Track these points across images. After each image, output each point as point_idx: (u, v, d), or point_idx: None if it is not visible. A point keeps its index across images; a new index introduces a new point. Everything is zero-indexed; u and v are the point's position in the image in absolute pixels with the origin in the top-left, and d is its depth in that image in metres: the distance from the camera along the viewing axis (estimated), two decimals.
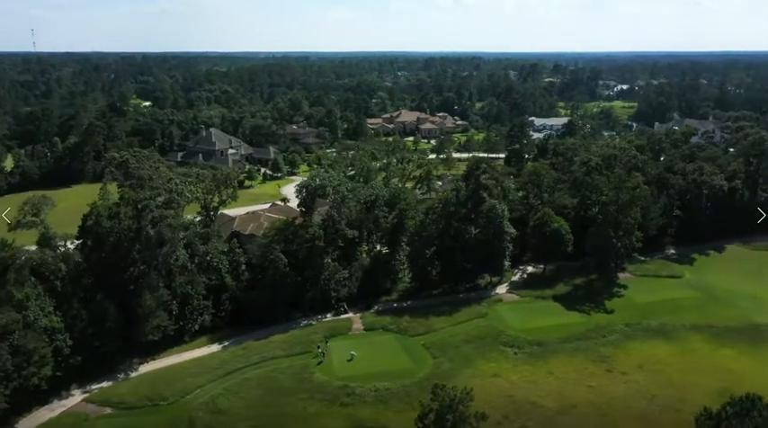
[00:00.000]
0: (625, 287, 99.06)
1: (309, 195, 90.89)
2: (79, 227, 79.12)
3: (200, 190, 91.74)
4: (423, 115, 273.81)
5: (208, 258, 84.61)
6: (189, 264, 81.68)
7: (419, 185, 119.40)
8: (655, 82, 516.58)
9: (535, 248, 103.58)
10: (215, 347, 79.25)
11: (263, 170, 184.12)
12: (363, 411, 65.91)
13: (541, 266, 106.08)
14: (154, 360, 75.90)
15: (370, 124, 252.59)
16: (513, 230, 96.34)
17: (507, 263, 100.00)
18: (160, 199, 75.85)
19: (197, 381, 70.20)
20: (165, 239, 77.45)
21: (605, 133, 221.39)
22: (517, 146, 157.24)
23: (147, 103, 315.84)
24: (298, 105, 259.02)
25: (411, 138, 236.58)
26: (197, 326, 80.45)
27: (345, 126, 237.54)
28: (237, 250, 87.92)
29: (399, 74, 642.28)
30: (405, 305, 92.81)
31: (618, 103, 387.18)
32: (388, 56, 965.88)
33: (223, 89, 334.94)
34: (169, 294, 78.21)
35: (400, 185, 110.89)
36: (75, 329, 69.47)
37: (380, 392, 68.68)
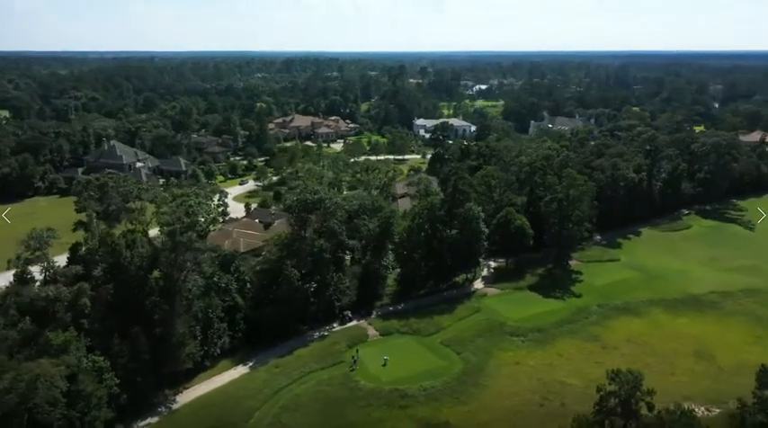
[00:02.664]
0: (579, 273, 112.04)
1: (305, 209, 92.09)
2: (79, 257, 74.58)
3: (208, 209, 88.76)
4: (316, 119, 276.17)
5: (215, 279, 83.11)
6: (207, 288, 79.91)
7: (383, 192, 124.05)
8: (505, 81, 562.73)
9: (499, 244, 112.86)
10: (242, 368, 78.61)
11: (175, 183, 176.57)
12: (421, 410, 70.25)
13: (500, 260, 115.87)
14: (186, 389, 73.87)
15: None
16: (486, 229, 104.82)
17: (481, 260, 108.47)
18: (184, 221, 73.32)
19: (252, 404, 69.98)
20: (188, 264, 75.38)
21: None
22: (440, 149, 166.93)
23: (5, 113, 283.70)
24: (188, 112, 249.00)
25: (311, 143, 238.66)
26: (218, 350, 79.19)
27: (246, 133, 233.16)
28: (241, 269, 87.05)
29: (258, 75, 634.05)
30: (400, 308, 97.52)
31: (481, 102, 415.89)
32: (234, 56, 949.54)
33: (90, 96, 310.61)
34: (192, 319, 76.34)
35: (374, 193, 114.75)
36: (118, 366, 66.10)
37: (429, 391, 73.37)
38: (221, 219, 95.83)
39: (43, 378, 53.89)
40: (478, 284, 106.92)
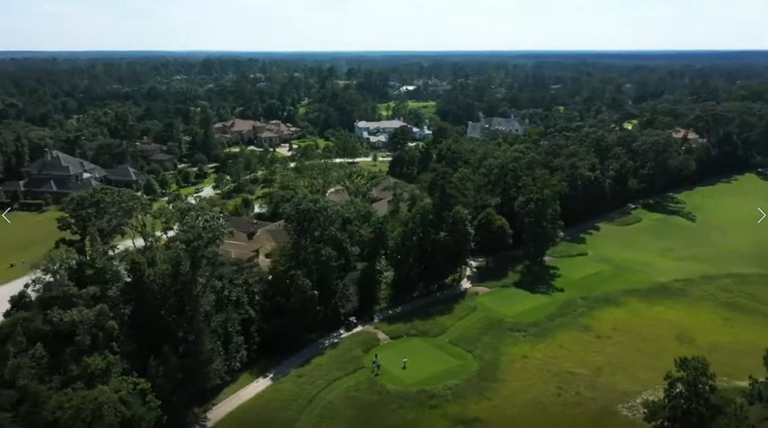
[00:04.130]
0: (555, 268, 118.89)
1: (306, 218, 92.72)
2: (87, 276, 72.31)
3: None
4: (258, 123, 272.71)
5: (226, 293, 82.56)
6: (218, 301, 79.27)
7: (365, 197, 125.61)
8: (430, 82, 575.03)
9: (480, 244, 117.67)
10: (264, 381, 78.74)
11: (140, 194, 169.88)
12: (451, 409, 73.36)
13: (480, 259, 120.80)
14: (215, 405, 73.37)
15: None
16: (472, 231, 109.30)
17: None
18: (206, 237, 72.18)
19: (289, 415, 70.66)
20: (207, 279, 74.66)
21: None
22: (399, 152, 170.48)
23: None
24: (124, 119, 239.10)
25: (255, 148, 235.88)
26: (238, 364, 78.91)
27: (189, 139, 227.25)
28: (250, 281, 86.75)
29: (178, 77, 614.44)
30: (398, 311, 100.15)
31: (412, 103, 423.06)
32: (140, 56, 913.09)
33: (8, 102, 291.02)
34: (213, 334, 75.74)
35: (357, 199, 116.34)
36: (155, 387, 64.92)
37: (454, 389, 76.64)
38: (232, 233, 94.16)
39: (106, 405, 52.58)
40: (466, 284, 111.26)
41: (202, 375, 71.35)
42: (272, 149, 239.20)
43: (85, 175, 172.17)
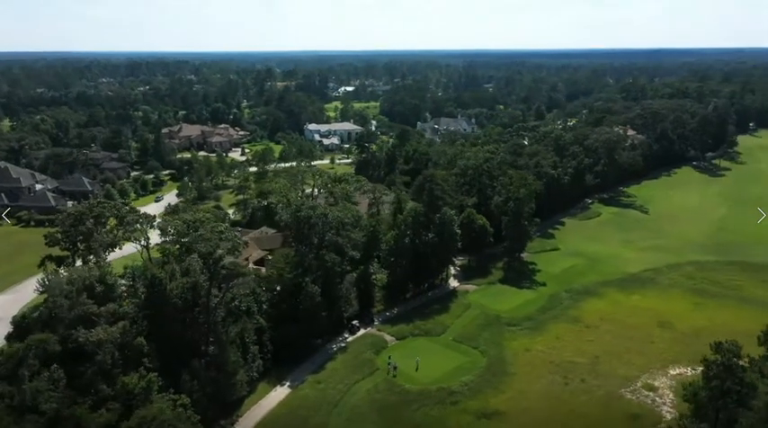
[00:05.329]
0: (533, 263, 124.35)
1: (307, 225, 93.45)
2: (98, 293, 70.73)
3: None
4: (206, 128, 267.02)
5: (236, 303, 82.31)
6: (228, 312, 79.05)
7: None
8: (367, 82, 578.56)
9: (463, 243, 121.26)
10: (282, 389, 79.06)
11: (70, 204, 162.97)
12: (471, 404, 76.33)
13: (461, 258, 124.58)
14: (239, 417, 73.14)
15: None
16: (459, 231, 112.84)
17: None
18: (225, 247, 71.77)
19: (318, 420, 71.66)
20: (224, 290, 74.42)
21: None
22: (365, 155, 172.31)
23: None
24: (65, 126, 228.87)
25: (212, 154, 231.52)
26: (256, 374, 78.97)
27: (138, 145, 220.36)
28: (257, 290, 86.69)
29: (104, 80, 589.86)
30: (395, 312, 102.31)
31: (356, 104, 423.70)
32: (54, 57, 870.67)
33: None
34: (233, 346, 75.57)
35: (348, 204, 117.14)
36: (193, 402, 64.40)
37: (470, 385, 79.68)
38: (246, 243, 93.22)
39: (167, 423, 52.17)
40: (454, 282, 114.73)
41: (229, 387, 71.27)
42: (224, 154, 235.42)
43: (38, 187, 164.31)
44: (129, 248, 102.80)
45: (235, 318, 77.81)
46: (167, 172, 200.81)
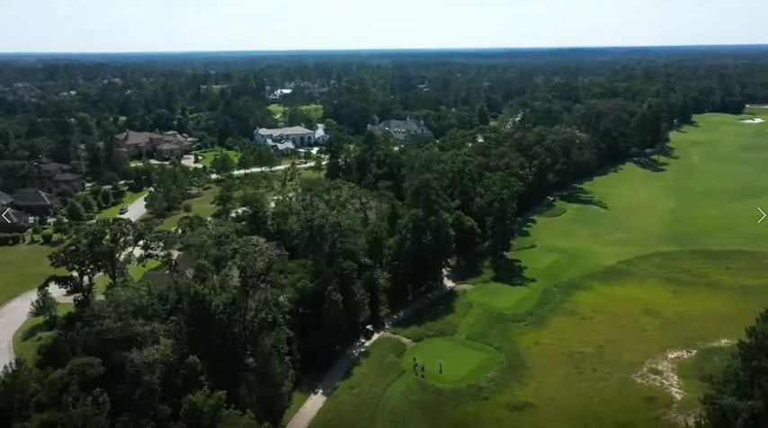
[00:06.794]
0: (517, 260, 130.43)
1: (319, 234, 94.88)
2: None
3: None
4: (154, 135, 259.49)
5: (263, 314, 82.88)
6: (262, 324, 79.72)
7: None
8: (302, 84, 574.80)
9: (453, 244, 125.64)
10: (317, 397, 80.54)
11: (31, 219, 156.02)
12: (502, 397, 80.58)
13: (449, 259, 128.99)
14: (284, 426, 74.20)
15: None
16: (454, 233, 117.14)
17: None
18: (263, 260, 72.26)
19: (366, 425, 73.75)
20: (264, 303, 75.17)
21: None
22: (337, 160, 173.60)
23: None
24: (5, 137, 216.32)
25: (166, 162, 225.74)
26: (291, 383, 79.97)
27: (87, 155, 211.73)
28: (280, 300, 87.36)
29: (20, 85, 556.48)
30: (401, 315, 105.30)
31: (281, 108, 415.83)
32: None
33: None
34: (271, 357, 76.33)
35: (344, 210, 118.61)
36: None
37: (496, 380, 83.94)
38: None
39: None
40: (450, 283, 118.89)
41: (276, 398, 72.23)
42: (178, 162, 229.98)
43: None
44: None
45: (268, 330, 78.41)
46: (123, 182, 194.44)
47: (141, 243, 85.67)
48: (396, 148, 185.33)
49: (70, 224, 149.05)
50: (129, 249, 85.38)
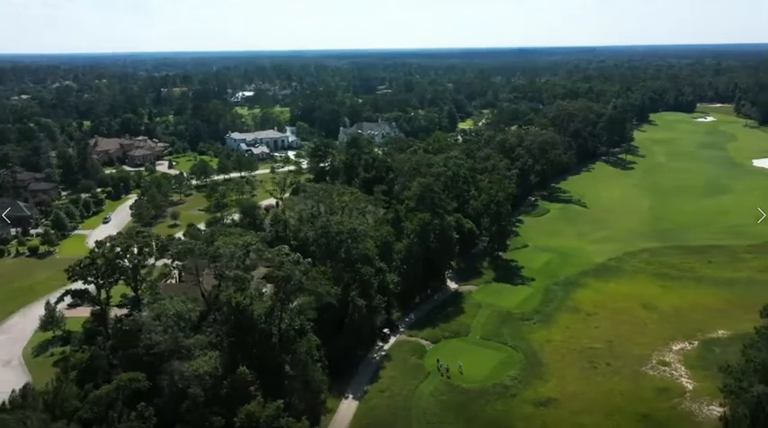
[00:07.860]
0: (513, 260, 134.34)
1: (336, 240, 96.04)
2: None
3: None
4: (125, 141, 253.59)
5: (288, 322, 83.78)
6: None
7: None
8: (263, 86, 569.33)
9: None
10: (348, 402, 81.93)
11: (13, 231, 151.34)
12: (527, 394, 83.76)
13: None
14: None
15: None
16: (457, 236, 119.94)
17: None
18: (299, 270, 73.00)
19: (403, 425, 75.44)
20: (298, 312, 76.14)
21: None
22: (324, 164, 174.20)
23: None
24: None
25: (140, 169, 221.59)
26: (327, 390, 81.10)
27: (59, 162, 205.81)
28: (305, 307, 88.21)
29: None
30: (414, 317, 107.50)
31: (248, 111, 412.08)
32: None
33: None
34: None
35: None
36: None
37: (518, 378, 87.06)
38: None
39: None
40: (453, 284, 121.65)
41: (317, 405, 73.33)
42: (153, 168, 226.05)
43: None
44: None
45: (299, 338, 79.34)
46: (101, 190, 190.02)
47: (167, 254, 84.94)
48: (377, 151, 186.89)
49: (56, 235, 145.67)
50: (151, 261, 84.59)
